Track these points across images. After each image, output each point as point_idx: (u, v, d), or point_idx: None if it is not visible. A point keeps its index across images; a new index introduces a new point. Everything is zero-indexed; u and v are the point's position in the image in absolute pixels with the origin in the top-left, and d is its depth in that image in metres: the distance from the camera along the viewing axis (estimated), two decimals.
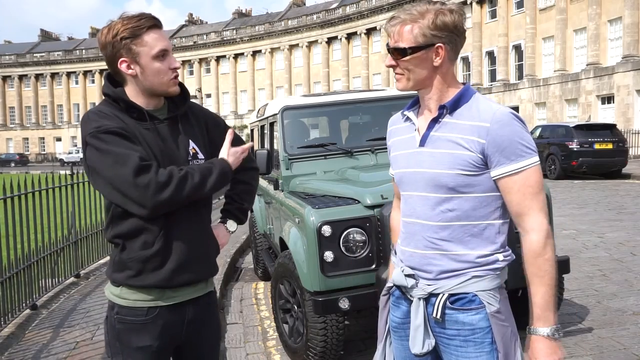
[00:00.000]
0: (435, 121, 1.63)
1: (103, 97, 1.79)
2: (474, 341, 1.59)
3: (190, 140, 1.82)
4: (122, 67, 1.70)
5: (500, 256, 1.61)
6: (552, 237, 1.56)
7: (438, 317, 1.60)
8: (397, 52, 1.59)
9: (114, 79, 1.77)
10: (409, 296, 1.69)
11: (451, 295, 1.60)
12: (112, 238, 1.77)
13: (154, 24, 1.70)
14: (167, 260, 1.73)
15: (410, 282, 1.66)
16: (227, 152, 1.82)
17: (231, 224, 2.00)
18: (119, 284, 1.76)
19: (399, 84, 1.65)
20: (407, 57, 1.58)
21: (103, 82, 1.78)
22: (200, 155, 1.84)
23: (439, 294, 1.61)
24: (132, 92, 1.75)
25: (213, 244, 1.89)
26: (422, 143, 1.64)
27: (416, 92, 1.69)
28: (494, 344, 1.58)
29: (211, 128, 1.95)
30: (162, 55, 1.71)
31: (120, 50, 1.68)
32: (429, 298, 1.63)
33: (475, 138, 1.54)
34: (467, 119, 1.57)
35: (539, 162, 1.57)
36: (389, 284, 1.79)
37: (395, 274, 1.72)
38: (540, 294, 1.53)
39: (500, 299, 1.61)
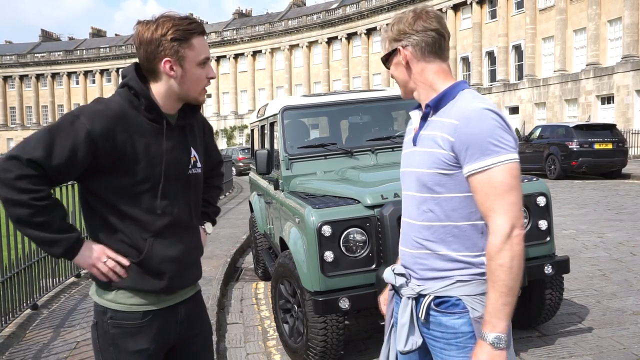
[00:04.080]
0: (424, 120, 1.65)
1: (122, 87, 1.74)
2: (456, 345, 1.58)
3: (192, 148, 1.83)
4: (165, 67, 1.67)
5: (484, 259, 1.56)
6: (517, 243, 1.46)
7: (422, 318, 1.61)
8: (385, 65, 1.75)
9: (140, 74, 1.72)
10: (400, 294, 1.71)
11: (437, 297, 1.60)
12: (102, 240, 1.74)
13: (202, 30, 1.70)
14: (165, 270, 1.74)
15: (399, 280, 1.68)
16: (99, 252, 1.67)
17: (209, 226, 2.06)
18: (114, 288, 1.72)
19: (401, 92, 1.76)
20: (388, 65, 1.72)
21: (128, 75, 1.71)
22: (199, 164, 1.85)
23: (426, 295, 1.62)
24: (160, 92, 1.71)
25: (201, 247, 1.94)
26: (414, 142, 1.67)
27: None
28: None
29: (207, 134, 2.00)
30: (204, 63, 1.71)
31: (167, 49, 1.65)
32: (418, 298, 1.64)
33: (447, 135, 1.54)
34: (447, 116, 1.57)
35: (512, 161, 1.48)
36: None
37: (386, 272, 1.74)
38: (490, 299, 1.47)
39: None
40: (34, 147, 1.57)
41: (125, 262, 1.68)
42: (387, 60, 1.71)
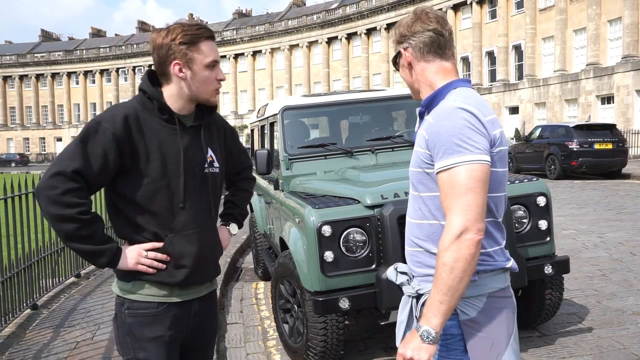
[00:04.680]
0: (421, 119, 1.68)
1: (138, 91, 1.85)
2: (445, 346, 1.58)
3: (209, 148, 1.90)
4: (175, 69, 1.77)
5: None
6: (468, 247, 1.43)
7: (418, 316, 1.62)
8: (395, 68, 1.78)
9: (154, 78, 1.83)
10: (402, 292, 1.72)
11: None
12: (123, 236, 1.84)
13: (210, 35, 1.80)
14: (182, 265, 1.81)
15: (400, 279, 1.69)
16: (137, 252, 1.76)
17: (233, 227, 2.12)
18: (132, 279, 1.80)
19: (411, 93, 1.79)
20: (398, 68, 1.74)
21: (141, 79, 1.83)
22: (216, 164, 1.92)
23: (423, 294, 1.62)
24: (172, 94, 1.81)
25: (219, 247, 1.99)
26: (414, 141, 1.69)
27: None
28: (466, 353, 1.57)
29: (229, 137, 2.06)
30: (213, 65, 1.80)
31: (176, 53, 1.75)
32: (418, 297, 1.65)
33: (424, 133, 1.56)
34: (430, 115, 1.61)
35: (476, 162, 1.45)
36: None
37: (389, 270, 1.75)
38: (431, 293, 1.48)
39: (484, 308, 1.57)
40: (71, 159, 1.67)
41: (159, 244, 1.78)
42: (395, 63, 1.75)
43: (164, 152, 1.76)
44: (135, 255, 1.76)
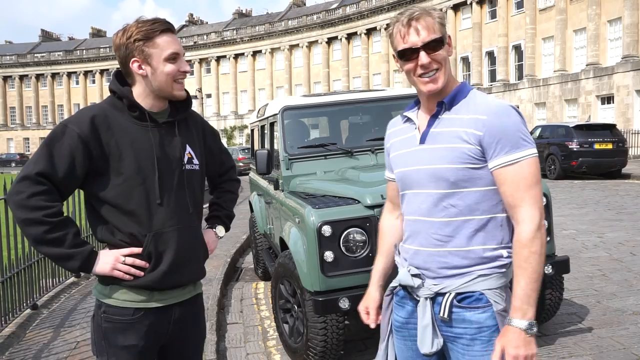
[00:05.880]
0: (434, 118, 1.65)
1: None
2: (480, 339, 1.59)
3: (187, 145, 1.87)
4: (134, 67, 1.76)
5: (504, 252, 1.60)
6: (544, 233, 1.54)
7: (445, 316, 1.60)
8: (434, 46, 1.57)
9: (122, 78, 1.83)
10: (415, 296, 1.69)
11: (458, 294, 1.60)
12: (102, 239, 1.81)
13: (167, 28, 1.77)
14: (160, 262, 1.77)
15: (416, 281, 1.66)
16: (114, 257, 1.73)
17: (220, 230, 2.09)
18: (109, 283, 1.78)
19: (440, 81, 1.60)
20: (444, 48, 1.60)
21: (110, 80, 1.84)
22: (195, 161, 1.89)
23: (445, 293, 1.61)
24: (140, 93, 1.80)
25: (203, 248, 1.94)
26: (422, 140, 1.66)
27: (415, 92, 1.71)
28: None
29: (208, 135, 2.03)
30: (174, 58, 1.77)
31: (133, 51, 1.74)
32: (435, 297, 1.63)
33: (473, 130, 1.56)
34: (465, 112, 1.59)
35: (536, 155, 1.56)
36: (392, 284, 1.79)
37: (402, 274, 1.72)
38: (521, 285, 1.51)
39: (507, 297, 1.61)
40: (36, 163, 1.66)
41: (137, 250, 1.75)
42: (433, 45, 1.58)
43: (137, 149, 1.74)
44: (111, 260, 1.72)
